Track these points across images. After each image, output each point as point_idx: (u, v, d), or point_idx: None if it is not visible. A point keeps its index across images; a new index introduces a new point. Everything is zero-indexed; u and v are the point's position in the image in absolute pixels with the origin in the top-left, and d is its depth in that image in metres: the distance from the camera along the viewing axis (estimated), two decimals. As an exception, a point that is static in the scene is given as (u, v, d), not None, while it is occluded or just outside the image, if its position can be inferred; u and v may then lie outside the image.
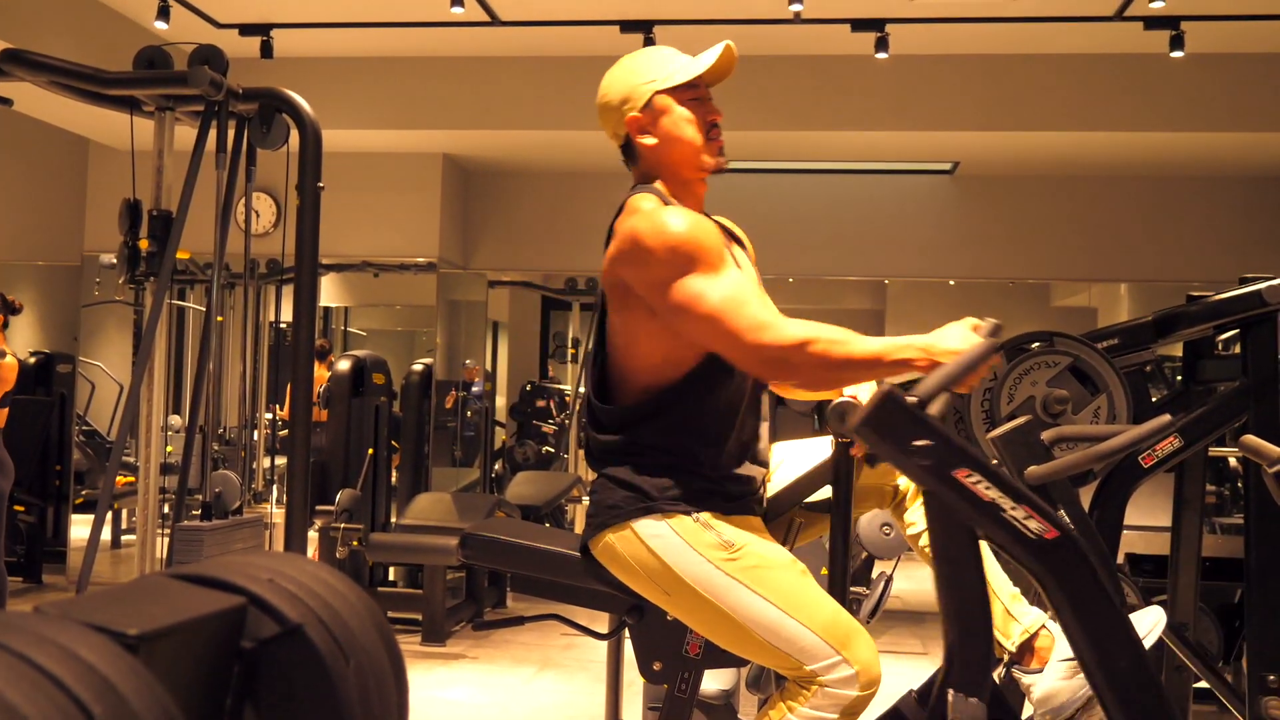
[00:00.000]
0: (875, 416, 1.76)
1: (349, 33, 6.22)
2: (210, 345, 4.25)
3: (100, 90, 3.94)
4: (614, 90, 2.20)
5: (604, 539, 2.11)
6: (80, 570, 3.75)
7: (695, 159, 2.18)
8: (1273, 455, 2.21)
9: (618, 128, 2.20)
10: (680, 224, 2.02)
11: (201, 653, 0.72)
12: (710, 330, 2.00)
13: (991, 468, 1.82)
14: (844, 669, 1.95)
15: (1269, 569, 3.27)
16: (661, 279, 2.01)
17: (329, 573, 0.87)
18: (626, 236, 2.05)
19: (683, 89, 2.18)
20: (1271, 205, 7.29)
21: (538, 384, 9.79)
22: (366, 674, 0.82)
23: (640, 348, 2.12)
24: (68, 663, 0.58)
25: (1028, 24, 5.77)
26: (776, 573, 2.02)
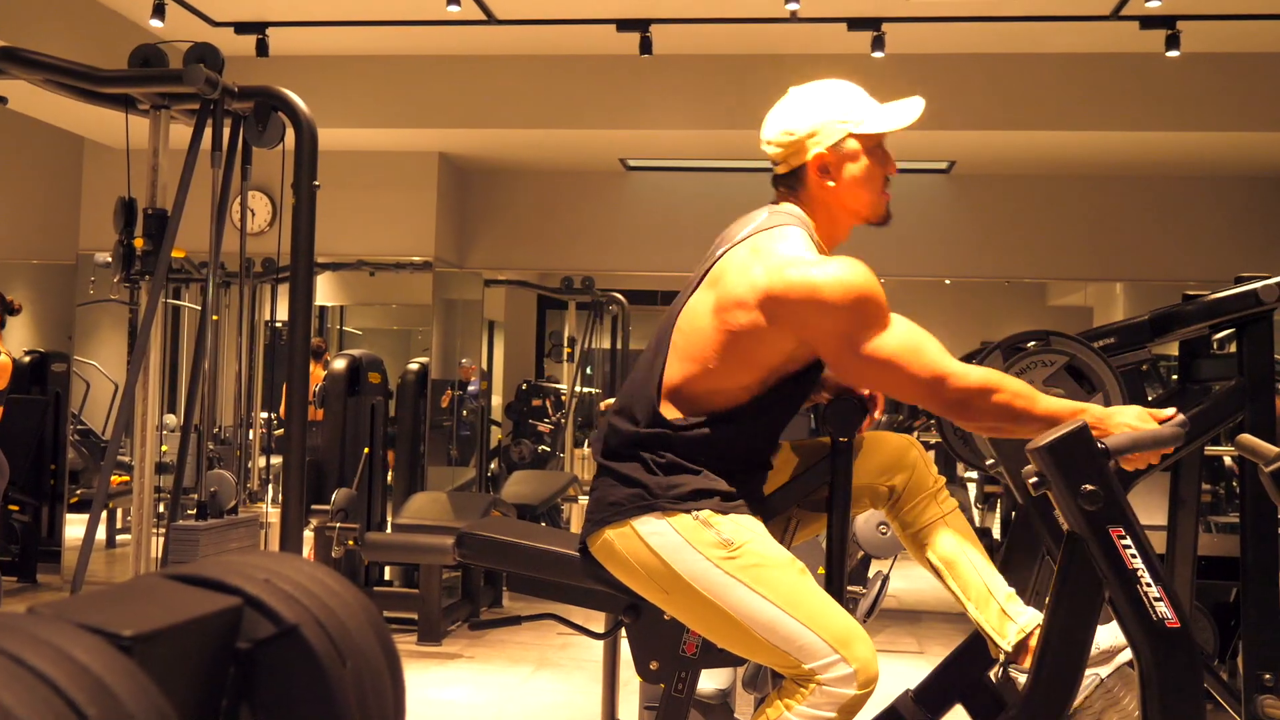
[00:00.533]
0: (1062, 445, 1.83)
1: (345, 31, 6.21)
2: (206, 344, 4.24)
3: (95, 88, 3.93)
4: (803, 118, 2.13)
5: (603, 536, 2.11)
6: (75, 570, 3.74)
7: (866, 212, 2.17)
8: (1269, 454, 2.21)
9: (794, 157, 2.13)
10: (860, 278, 1.98)
11: (197, 654, 0.72)
12: (896, 379, 1.99)
13: (1145, 541, 1.86)
14: (842, 668, 1.95)
15: (1265, 567, 3.28)
16: (844, 331, 1.97)
17: (325, 573, 0.87)
18: (802, 283, 1.97)
19: (873, 137, 2.15)
20: (1268, 205, 7.29)
21: (534, 383, 9.78)
22: (363, 675, 0.81)
23: (724, 368, 2.07)
24: (61, 664, 0.57)
25: (1024, 23, 5.77)
26: (776, 571, 2.02)
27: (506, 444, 9.24)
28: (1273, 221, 7.27)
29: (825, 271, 1.98)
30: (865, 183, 2.13)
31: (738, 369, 2.06)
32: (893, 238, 7.63)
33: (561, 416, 9.58)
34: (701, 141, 6.61)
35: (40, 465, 7.06)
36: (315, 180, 3.98)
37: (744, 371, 2.07)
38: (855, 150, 2.11)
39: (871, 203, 2.15)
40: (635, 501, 2.07)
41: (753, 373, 2.07)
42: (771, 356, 2.06)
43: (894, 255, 7.61)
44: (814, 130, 2.11)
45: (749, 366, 2.06)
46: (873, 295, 1.98)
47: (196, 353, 4.24)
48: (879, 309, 1.99)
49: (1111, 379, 3.38)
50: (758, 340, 2.03)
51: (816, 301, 1.97)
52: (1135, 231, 7.39)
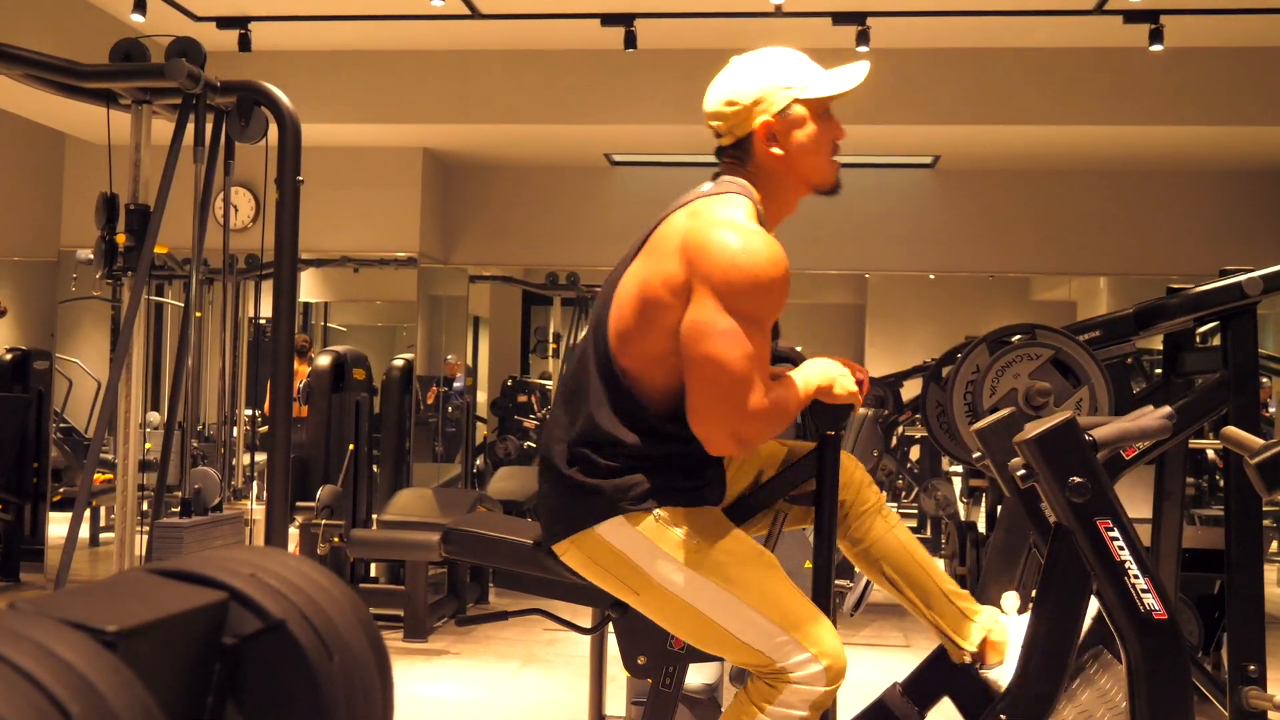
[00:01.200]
0: (1050, 438, 1.82)
1: (328, 26, 6.18)
2: (189, 341, 4.21)
3: (76, 83, 3.90)
4: (747, 87, 2.05)
5: (567, 549, 2.06)
6: (59, 568, 3.72)
7: (815, 178, 2.09)
8: (1254, 446, 2.21)
9: (739, 126, 2.06)
10: (775, 266, 1.90)
11: (182, 650, 0.71)
12: (714, 378, 1.89)
13: (1132, 533, 1.87)
14: (813, 665, 1.94)
15: (1249, 560, 3.29)
16: (720, 295, 1.88)
17: (311, 567, 0.86)
18: (719, 242, 1.91)
19: (820, 102, 2.07)
20: (1249, 199, 7.32)
21: (519, 379, 9.77)
22: (351, 670, 0.80)
23: (659, 343, 1.98)
24: (44, 661, 0.56)
25: (1009, 17, 5.78)
26: (743, 568, 1.99)
27: (492, 440, 9.22)
28: (1256, 215, 7.30)
29: (754, 240, 1.90)
30: (814, 149, 2.06)
31: (672, 344, 1.96)
32: (878, 233, 7.68)
33: (547, 412, 9.57)
34: (686, 136, 6.61)
35: (23, 463, 7.01)
36: (299, 175, 3.96)
37: (658, 339, 1.98)
38: (802, 116, 2.04)
39: (820, 169, 2.08)
40: (594, 509, 2.00)
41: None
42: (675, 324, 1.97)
43: (879, 250, 7.62)
44: (759, 97, 2.04)
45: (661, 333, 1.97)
46: (775, 290, 1.90)
47: (180, 350, 4.21)
48: (766, 306, 1.91)
49: (1097, 372, 3.39)
50: (681, 306, 1.95)
51: (722, 256, 1.88)
52: (1119, 226, 7.42)
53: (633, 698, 3.61)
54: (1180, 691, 1.84)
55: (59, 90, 3.97)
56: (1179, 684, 1.84)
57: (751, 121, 2.04)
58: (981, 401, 3.34)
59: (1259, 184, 7.30)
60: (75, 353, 8.07)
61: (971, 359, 3.44)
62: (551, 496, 2.08)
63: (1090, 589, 1.89)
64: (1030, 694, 1.89)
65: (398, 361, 7.04)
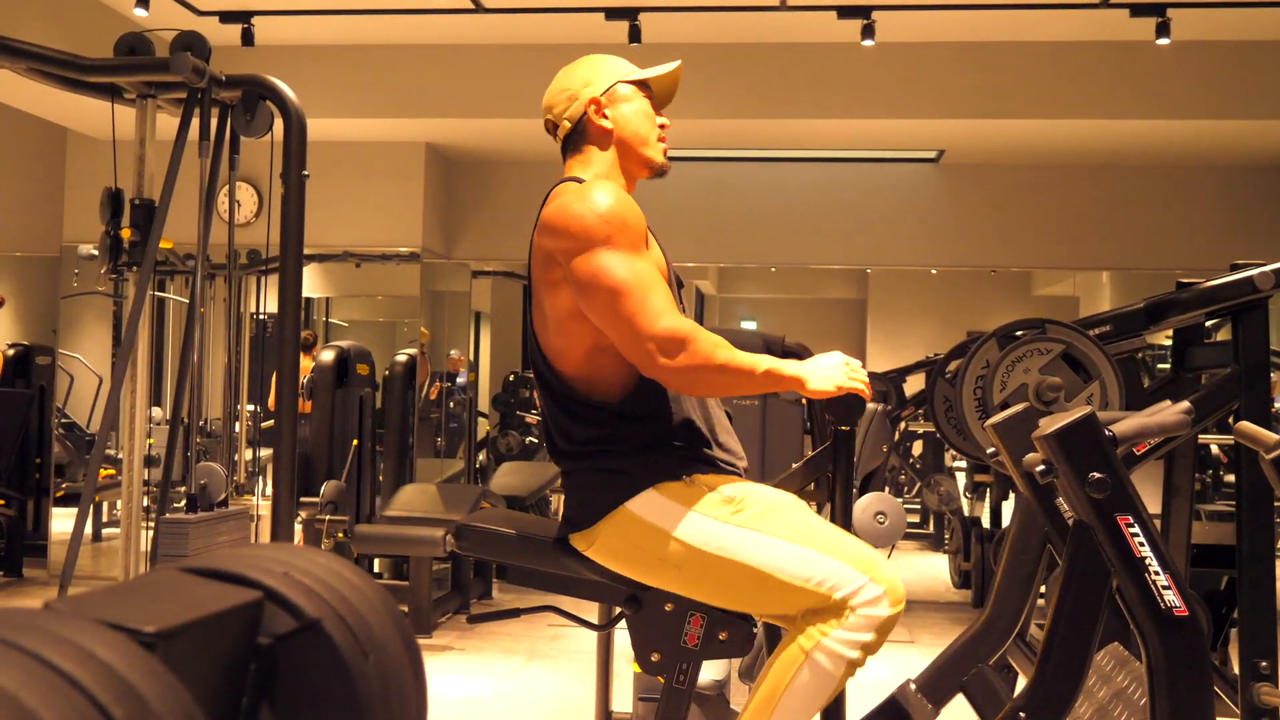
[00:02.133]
0: (1070, 433, 1.82)
1: (331, 20, 6.16)
2: (194, 336, 4.20)
3: (81, 77, 3.88)
4: (575, 75, 2.25)
5: (598, 534, 2.08)
6: (64, 564, 3.70)
7: (646, 148, 2.22)
8: (1270, 441, 2.20)
9: (571, 109, 2.22)
10: (608, 198, 2.04)
11: (218, 650, 0.69)
12: (611, 306, 1.98)
13: (1153, 529, 1.86)
14: (872, 588, 1.94)
15: (1261, 556, 3.28)
16: (577, 249, 2.01)
17: (343, 565, 0.85)
18: (554, 209, 2.08)
19: (641, 86, 2.25)
20: (1255, 193, 7.31)
21: (521, 374, 9.75)
22: (386, 669, 0.79)
23: (583, 335, 2.08)
24: (86, 663, 0.55)
25: (1014, 10, 5.76)
26: (786, 513, 2.02)
27: (494, 435, 9.21)
28: (1261, 210, 7.29)
29: (579, 193, 2.06)
30: (640, 120, 2.20)
31: (581, 336, 2.06)
32: (880, 227, 7.66)
33: (548, 408, 9.54)
34: (690, 131, 6.58)
35: (25, 459, 7.00)
36: (305, 170, 3.94)
37: (585, 337, 2.07)
38: (629, 94, 2.22)
39: (649, 143, 2.22)
40: (621, 488, 2.04)
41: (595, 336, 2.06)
42: (572, 304, 2.06)
43: (881, 245, 7.60)
44: (587, 80, 2.22)
45: (587, 332, 2.06)
46: (617, 217, 2.01)
47: (185, 345, 4.19)
48: (621, 233, 2.01)
49: (1108, 366, 3.38)
50: (555, 289, 2.07)
51: (561, 217, 2.05)
52: (1123, 221, 7.40)
53: (639, 694, 3.60)
54: (1201, 688, 1.83)
55: (63, 85, 3.95)
56: (1200, 681, 1.83)
57: (581, 100, 2.21)
58: (992, 397, 3.33)
59: (1265, 179, 7.28)
60: (77, 348, 8.05)
61: (981, 354, 3.43)
62: (577, 489, 2.11)
63: (1110, 585, 1.88)
64: (1049, 693, 1.88)
65: (400, 357, 7.02)
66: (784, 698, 1.95)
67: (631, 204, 2.07)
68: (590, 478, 2.10)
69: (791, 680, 1.95)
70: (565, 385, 2.10)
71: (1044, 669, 1.89)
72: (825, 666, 1.93)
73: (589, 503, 2.09)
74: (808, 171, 7.54)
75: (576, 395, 2.09)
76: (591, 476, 2.09)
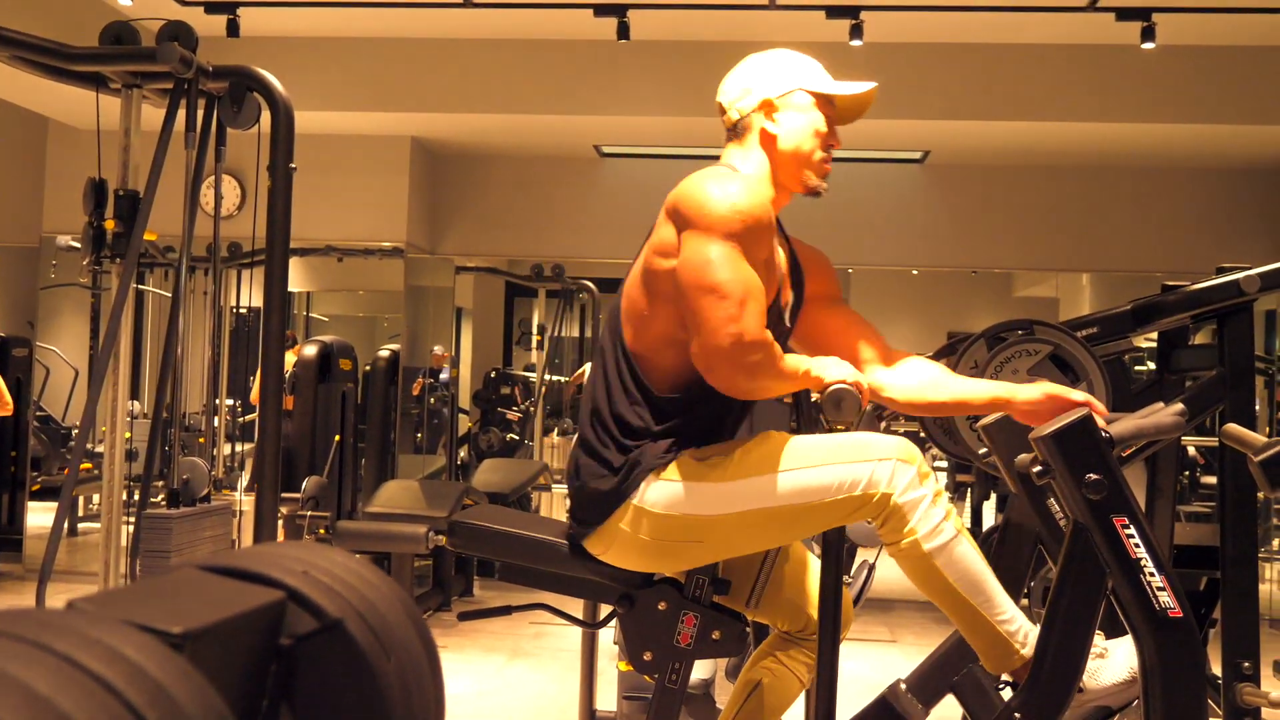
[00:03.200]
0: (1067, 434, 1.82)
1: (317, 12, 6.12)
2: (178, 330, 4.16)
3: (66, 66, 3.83)
4: (759, 69, 2.17)
5: (614, 538, 2.06)
6: (44, 559, 3.66)
7: (805, 165, 2.16)
8: (1257, 444, 2.20)
9: (742, 101, 2.16)
10: (748, 195, 2.00)
11: (241, 651, 0.68)
12: (704, 299, 1.95)
13: (1149, 531, 1.87)
14: (904, 469, 1.96)
15: (1244, 557, 3.29)
16: (699, 227, 1.97)
17: (361, 564, 0.83)
18: (696, 181, 2.03)
19: (824, 99, 2.16)
20: (1238, 197, 7.35)
21: (502, 371, 9.72)
22: (406, 670, 0.78)
23: (665, 321, 2.07)
24: (115, 665, 0.53)
25: (1002, 13, 5.77)
26: (785, 446, 2.02)
27: (475, 432, 9.18)
28: (1242, 214, 7.33)
29: (722, 180, 2.02)
30: (807, 135, 2.13)
31: (664, 322, 2.05)
32: (865, 227, 7.66)
33: (531, 404, 9.54)
34: (677, 128, 6.58)
35: (1, 452, 6.93)
36: (292, 163, 3.90)
37: (666, 323, 2.06)
38: (805, 104, 2.14)
39: (809, 160, 2.15)
40: (624, 484, 2.04)
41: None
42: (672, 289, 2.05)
43: (865, 245, 7.61)
44: (770, 77, 2.15)
45: (666, 316, 2.05)
46: (750, 216, 1.98)
47: (168, 339, 4.16)
48: (746, 234, 1.98)
49: (1095, 368, 3.38)
50: (666, 270, 2.04)
51: (695, 197, 2.00)
52: (1105, 223, 7.44)
53: (624, 692, 3.59)
54: (1195, 689, 1.83)
55: (47, 73, 3.90)
56: (1193, 681, 1.83)
57: (755, 97, 2.14)
58: (980, 397, 3.33)
59: (1247, 182, 7.32)
60: (54, 340, 7.98)
61: (970, 354, 3.43)
62: (582, 489, 2.11)
63: (1106, 586, 1.88)
64: (1045, 693, 1.88)
65: (383, 352, 7.00)
66: (963, 591, 1.96)
67: (768, 211, 2.03)
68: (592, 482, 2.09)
69: (951, 577, 1.96)
70: (627, 361, 2.09)
71: (1039, 668, 1.89)
72: (946, 542, 1.95)
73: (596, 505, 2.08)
74: (793, 170, 7.53)
75: (635, 376, 2.08)
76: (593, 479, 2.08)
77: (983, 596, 1.96)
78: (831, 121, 2.17)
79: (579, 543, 2.13)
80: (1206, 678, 1.88)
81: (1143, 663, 1.87)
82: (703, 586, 2.20)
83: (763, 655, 2.36)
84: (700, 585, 2.20)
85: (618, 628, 2.39)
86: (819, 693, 2.14)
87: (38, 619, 0.55)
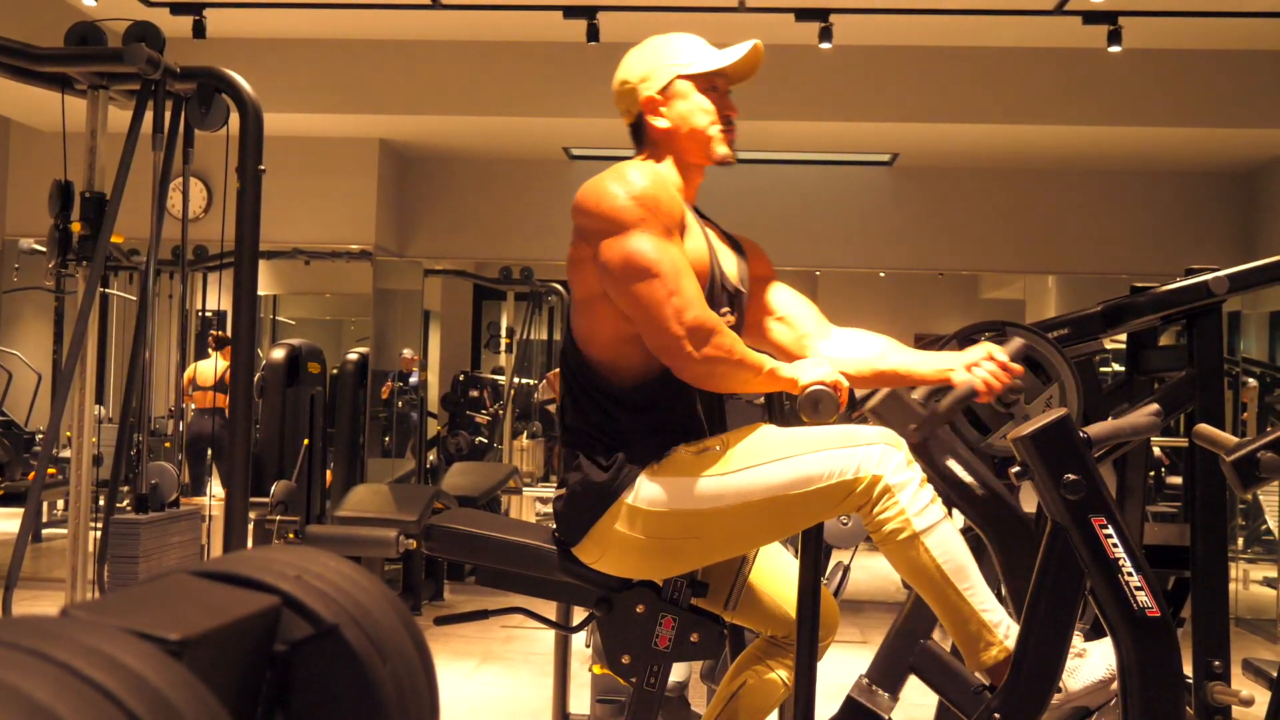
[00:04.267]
0: (1044, 435, 1.83)
1: (284, 13, 6.07)
2: (145, 334, 4.11)
3: (31, 66, 3.77)
4: (635, 68, 2.20)
5: (607, 535, 2.04)
6: (10, 565, 3.61)
7: (704, 147, 2.18)
8: (1229, 444, 2.22)
9: (632, 105, 2.19)
10: (642, 179, 2.03)
11: (236, 658, 0.67)
12: (640, 291, 1.97)
13: (1126, 531, 1.87)
14: (891, 453, 1.97)
15: (1214, 557, 3.32)
16: (608, 231, 1.99)
17: (351, 568, 0.82)
18: (589, 187, 2.05)
19: (704, 78, 2.17)
20: (1201, 200, 7.44)
21: (470, 374, 9.68)
22: (401, 675, 0.77)
23: (607, 318, 2.08)
24: (116, 673, 0.52)
25: (969, 16, 5.81)
26: (769, 438, 2.03)
27: (444, 435, 9.14)
28: (1208, 217, 7.42)
29: (613, 173, 2.04)
30: (696, 120, 2.15)
31: (606, 321, 2.07)
32: (834, 230, 7.69)
33: (500, 408, 9.51)
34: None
35: (-37, 458, 6.84)
36: (261, 165, 3.87)
37: (610, 322, 2.07)
38: (685, 90, 2.15)
39: (707, 139, 2.17)
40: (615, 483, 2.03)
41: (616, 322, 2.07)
42: (599, 285, 2.06)
43: (833, 247, 7.64)
44: (645, 75, 2.17)
45: (612, 316, 2.06)
46: (651, 199, 2.00)
47: (136, 343, 4.11)
48: (654, 215, 2.00)
49: (1066, 369, 3.40)
50: (584, 269, 2.06)
51: (593, 195, 2.03)
52: (1072, 225, 7.50)
53: (598, 695, 3.58)
54: (1173, 689, 1.84)
55: (12, 74, 3.84)
56: (1172, 681, 1.84)
57: (639, 97, 2.17)
58: (952, 398, 3.35)
59: (1212, 185, 7.41)
60: (16, 345, 7.88)
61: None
62: (570, 493, 2.09)
63: (1084, 586, 1.89)
64: (1024, 693, 1.88)
65: (352, 355, 6.95)
66: (949, 575, 1.97)
67: (667, 188, 2.05)
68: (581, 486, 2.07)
69: (939, 558, 1.96)
70: (587, 368, 2.09)
71: (1018, 669, 1.90)
72: (935, 523, 1.96)
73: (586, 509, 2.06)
74: (762, 173, 7.55)
75: (597, 381, 2.08)
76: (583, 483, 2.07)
77: (967, 583, 1.96)
78: (722, 93, 2.20)
79: (568, 550, 2.11)
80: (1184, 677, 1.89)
81: (1121, 662, 1.88)
82: (681, 589, 2.20)
83: (748, 659, 2.36)
84: (678, 588, 2.19)
85: (591, 631, 2.38)
86: (798, 692, 2.14)
87: (34, 627, 0.54)
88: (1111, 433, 1.93)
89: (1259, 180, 7.29)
